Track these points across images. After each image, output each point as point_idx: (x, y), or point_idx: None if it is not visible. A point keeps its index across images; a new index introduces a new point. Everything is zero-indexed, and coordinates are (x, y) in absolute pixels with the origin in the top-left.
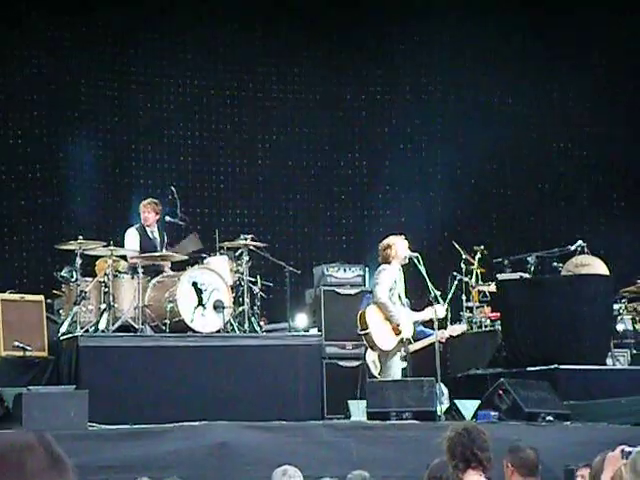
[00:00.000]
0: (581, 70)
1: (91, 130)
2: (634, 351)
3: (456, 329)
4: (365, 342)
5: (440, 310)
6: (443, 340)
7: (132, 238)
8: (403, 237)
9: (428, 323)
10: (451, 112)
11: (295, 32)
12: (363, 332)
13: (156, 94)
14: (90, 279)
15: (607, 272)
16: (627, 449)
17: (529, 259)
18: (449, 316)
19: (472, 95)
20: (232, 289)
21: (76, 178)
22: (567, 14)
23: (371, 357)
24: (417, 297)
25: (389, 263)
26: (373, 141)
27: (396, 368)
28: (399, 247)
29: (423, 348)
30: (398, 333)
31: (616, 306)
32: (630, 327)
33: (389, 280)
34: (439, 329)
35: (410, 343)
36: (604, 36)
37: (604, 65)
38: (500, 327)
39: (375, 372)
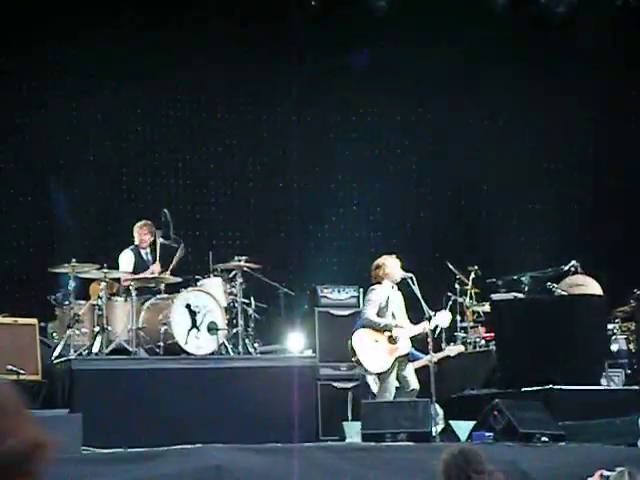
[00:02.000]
0: (568, 90)
1: (82, 153)
2: (628, 371)
3: (453, 349)
4: (359, 369)
5: (444, 318)
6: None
7: (127, 259)
8: (394, 257)
9: (424, 341)
10: (441, 133)
11: (282, 55)
12: (355, 359)
13: (146, 116)
14: (83, 302)
15: (601, 292)
16: (606, 473)
17: (523, 279)
18: (444, 336)
19: (462, 116)
20: (226, 311)
21: (67, 201)
22: (560, 34)
23: (371, 375)
24: (412, 318)
25: (380, 283)
26: (363, 162)
27: (392, 387)
28: (390, 266)
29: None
30: (395, 349)
31: (610, 326)
32: (624, 347)
33: (377, 299)
34: (435, 352)
35: (408, 361)
36: (590, 58)
37: (591, 85)
38: (494, 347)
39: (375, 390)
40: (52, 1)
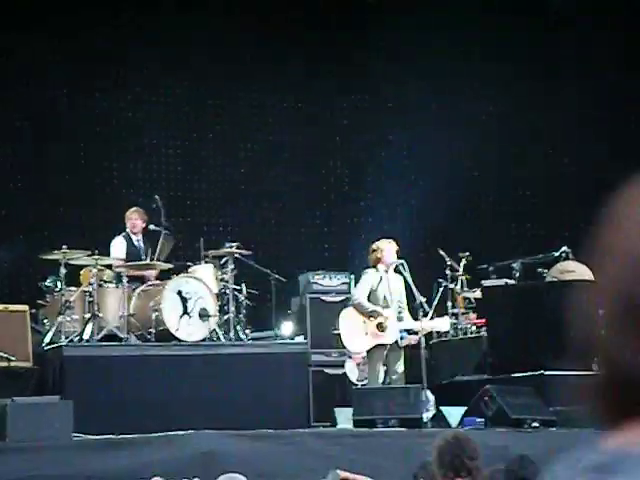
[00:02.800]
0: (565, 80)
1: (72, 140)
2: None
3: (437, 324)
4: (338, 342)
5: (444, 324)
6: (414, 342)
7: (118, 246)
8: (391, 241)
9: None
10: (433, 120)
11: (276, 40)
12: (336, 332)
13: (137, 103)
14: (74, 288)
15: (592, 278)
16: None
17: (514, 265)
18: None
19: (454, 102)
20: (217, 297)
21: (59, 187)
22: (556, 29)
23: (349, 365)
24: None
25: (375, 266)
26: (355, 149)
27: (380, 372)
28: (385, 251)
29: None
30: (379, 336)
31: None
32: None
33: (368, 283)
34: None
35: (398, 348)
36: (585, 49)
37: (588, 76)
38: (486, 333)
39: (353, 379)
40: (52, 1)
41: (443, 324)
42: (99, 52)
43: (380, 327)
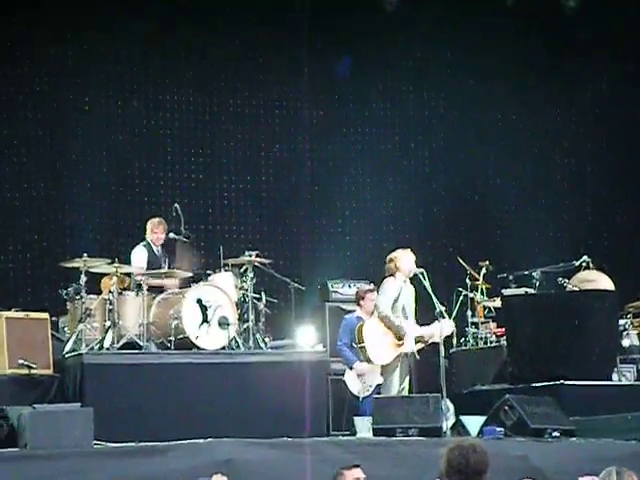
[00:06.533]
0: (582, 84)
1: (94, 148)
2: None
3: (445, 329)
4: (361, 356)
5: (447, 326)
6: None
7: (139, 255)
8: (409, 251)
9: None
10: (454, 128)
11: (297, 48)
12: (359, 345)
13: (158, 111)
14: (95, 297)
15: (612, 287)
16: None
17: (534, 274)
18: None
19: (475, 111)
20: (237, 306)
21: (80, 196)
22: (571, 30)
23: (349, 376)
24: (422, 313)
25: (393, 276)
26: (376, 157)
27: (396, 384)
28: (403, 260)
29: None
30: (400, 345)
31: (622, 321)
32: (636, 342)
33: (392, 292)
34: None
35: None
36: (605, 51)
37: (605, 79)
38: (505, 343)
39: (354, 391)
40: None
41: (445, 328)
42: (119, 60)
43: (397, 345)
